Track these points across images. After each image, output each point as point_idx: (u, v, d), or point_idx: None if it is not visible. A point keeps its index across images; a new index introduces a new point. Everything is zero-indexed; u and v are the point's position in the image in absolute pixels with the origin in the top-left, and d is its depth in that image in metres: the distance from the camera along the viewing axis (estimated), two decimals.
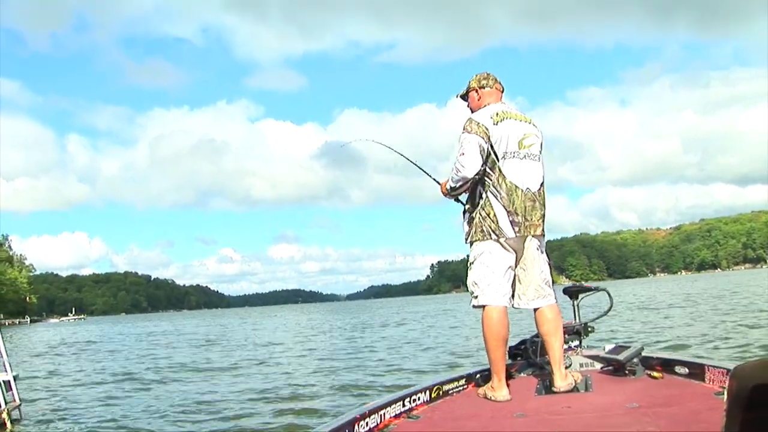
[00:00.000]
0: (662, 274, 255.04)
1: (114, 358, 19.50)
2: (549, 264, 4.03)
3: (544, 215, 3.92)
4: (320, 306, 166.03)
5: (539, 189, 3.89)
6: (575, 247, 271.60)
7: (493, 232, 3.79)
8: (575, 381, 3.86)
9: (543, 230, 3.92)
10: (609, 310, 4.90)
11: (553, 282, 4.02)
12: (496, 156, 3.81)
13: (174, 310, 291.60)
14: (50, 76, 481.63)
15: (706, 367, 3.77)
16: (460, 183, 3.93)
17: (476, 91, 4.14)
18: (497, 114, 3.89)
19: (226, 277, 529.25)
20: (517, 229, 3.77)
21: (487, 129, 3.82)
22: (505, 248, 3.82)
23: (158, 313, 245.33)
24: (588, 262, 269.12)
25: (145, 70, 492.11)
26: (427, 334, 20.77)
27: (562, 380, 3.82)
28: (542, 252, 3.98)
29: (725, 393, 1.48)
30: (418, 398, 3.79)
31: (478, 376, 4.23)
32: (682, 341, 12.26)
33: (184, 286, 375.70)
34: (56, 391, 11.88)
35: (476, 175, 3.85)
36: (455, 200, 4.12)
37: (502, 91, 4.16)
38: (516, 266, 3.91)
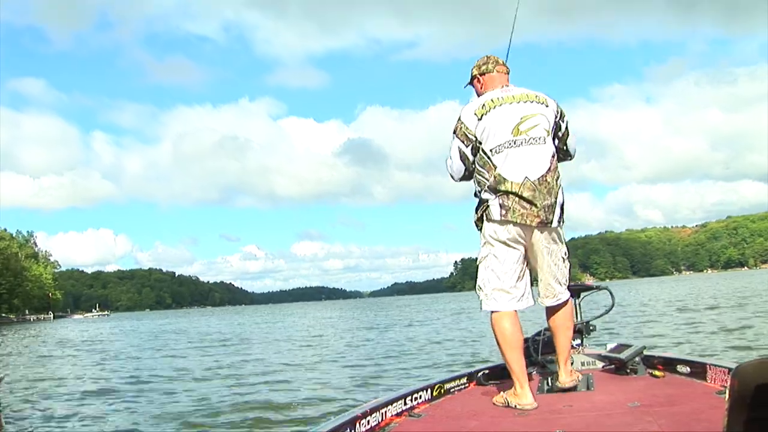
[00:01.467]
0: (688, 273, 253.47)
1: (122, 360, 18.65)
2: (566, 258, 3.76)
3: (552, 204, 3.56)
4: (344, 303, 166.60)
5: (543, 176, 3.55)
6: (600, 245, 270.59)
7: (487, 217, 3.60)
8: (577, 379, 3.77)
9: (549, 221, 3.57)
10: (611, 309, 4.78)
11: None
12: (485, 152, 3.59)
13: (198, 307, 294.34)
14: (74, 74, 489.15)
15: (707, 366, 3.74)
16: (455, 181, 3.84)
17: (477, 79, 3.89)
18: (484, 105, 3.64)
19: (249, 274, 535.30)
20: (504, 212, 3.51)
21: (468, 128, 3.63)
22: (508, 243, 3.58)
23: (182, 310, 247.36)
24: (612, 259, 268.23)
25: (167, 68, 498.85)
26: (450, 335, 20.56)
27: (567, 376, 3.71)
28: (556, 245, 3.66)
29: (727, 392, 1.47)
30: (420, 396, 3.76)
31: (479, 374, 4.23)
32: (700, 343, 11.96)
33: (208, 282, 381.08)
34: (50, 395, 11.04)
35: (463, 178, 3.76)
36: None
37: (508, 72, 3.87)
38: (527, 261, 3.68)
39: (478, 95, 3.86)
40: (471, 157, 3.66)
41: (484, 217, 3.61)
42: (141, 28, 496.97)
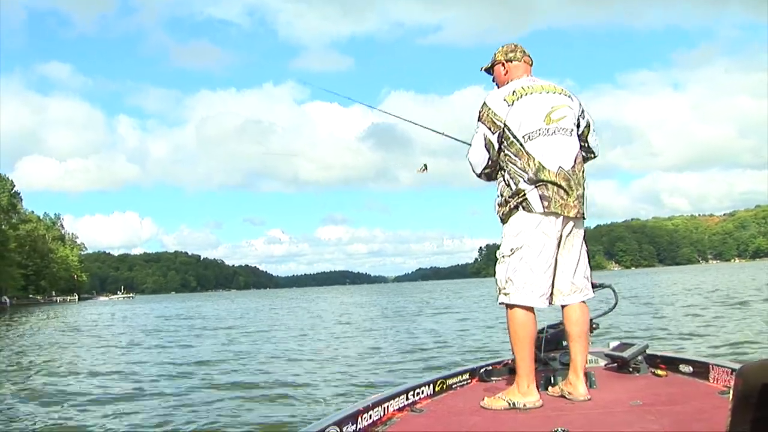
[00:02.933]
0: (714, 262, 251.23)
1: (132, 344, 18.04)
2: (588, 252, 3.68)
3: (582, 195, 3.49)
4: (368, 288, 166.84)
5: (573, 167, 3.47)
6: (625, 233, 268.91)
7: (524, 208, 3.41)
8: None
9: (582, 213, 3.49)
10: (614, 306, 4.70)
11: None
12: (517, 139, 3.44)
13: (223, 290, 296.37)
14: (98, 58, 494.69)
15: (710, 366, 3.75)
16: (477, 176, 3.69)
17: (503, 65, 3.77)
18: (514, 92, 3.51)
19: (274, 257, 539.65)
20: (546, 204, 3.36)
21: (495, 114, 3.48)
22: (548, 235, 3.42)
23: (207, 293, 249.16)
24: (638, 247, 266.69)
25: (191, 52, 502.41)
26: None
27: (582, 388, 3.48)
28: (581, 239, 3.58)
29: (731, 392, 1.47)
30: (422, 392, 3.77)
31: (482, 370, 4.25)
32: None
33: (232, 266, 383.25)
34: (37, 378, 10.69)
35: (484, 170, 3.60)
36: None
37: (531, 65, 3.78)
38: (557, 256, 3.51)
39: (498, 83, 3.78)
40: (497, 145, 3.51)
41: (521, 208, 3.43)
42: (164, 12, 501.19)
